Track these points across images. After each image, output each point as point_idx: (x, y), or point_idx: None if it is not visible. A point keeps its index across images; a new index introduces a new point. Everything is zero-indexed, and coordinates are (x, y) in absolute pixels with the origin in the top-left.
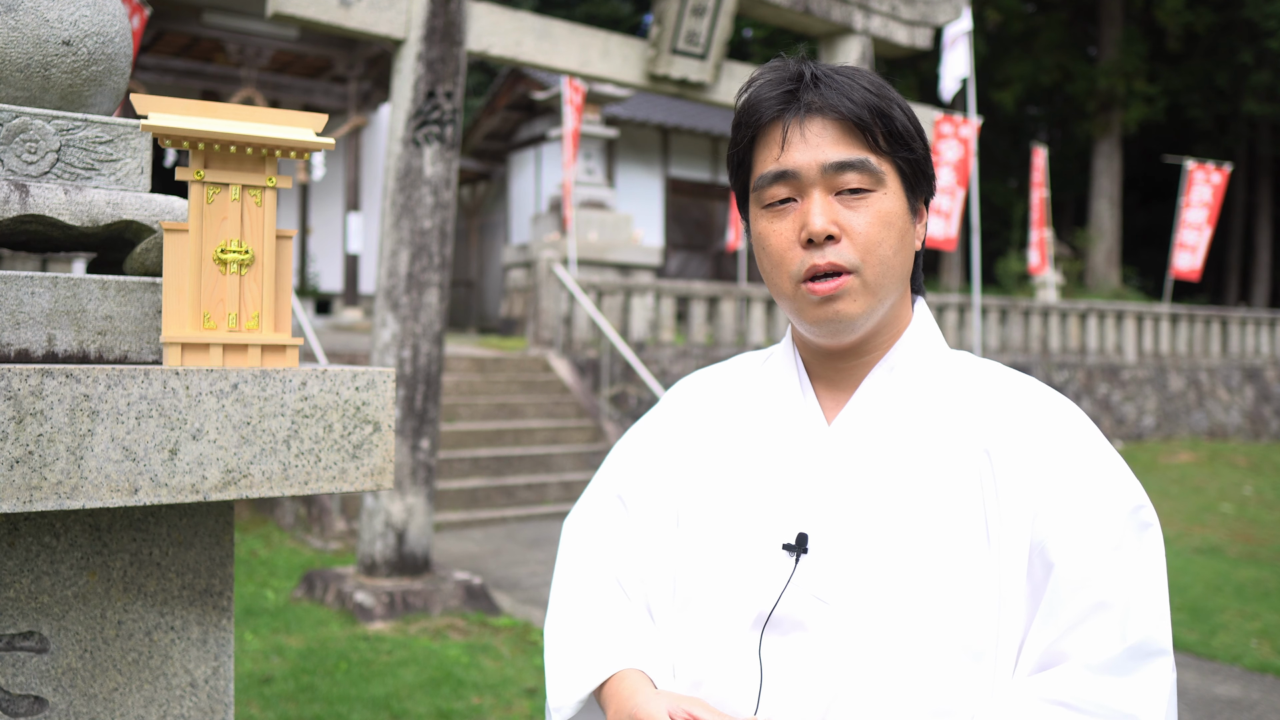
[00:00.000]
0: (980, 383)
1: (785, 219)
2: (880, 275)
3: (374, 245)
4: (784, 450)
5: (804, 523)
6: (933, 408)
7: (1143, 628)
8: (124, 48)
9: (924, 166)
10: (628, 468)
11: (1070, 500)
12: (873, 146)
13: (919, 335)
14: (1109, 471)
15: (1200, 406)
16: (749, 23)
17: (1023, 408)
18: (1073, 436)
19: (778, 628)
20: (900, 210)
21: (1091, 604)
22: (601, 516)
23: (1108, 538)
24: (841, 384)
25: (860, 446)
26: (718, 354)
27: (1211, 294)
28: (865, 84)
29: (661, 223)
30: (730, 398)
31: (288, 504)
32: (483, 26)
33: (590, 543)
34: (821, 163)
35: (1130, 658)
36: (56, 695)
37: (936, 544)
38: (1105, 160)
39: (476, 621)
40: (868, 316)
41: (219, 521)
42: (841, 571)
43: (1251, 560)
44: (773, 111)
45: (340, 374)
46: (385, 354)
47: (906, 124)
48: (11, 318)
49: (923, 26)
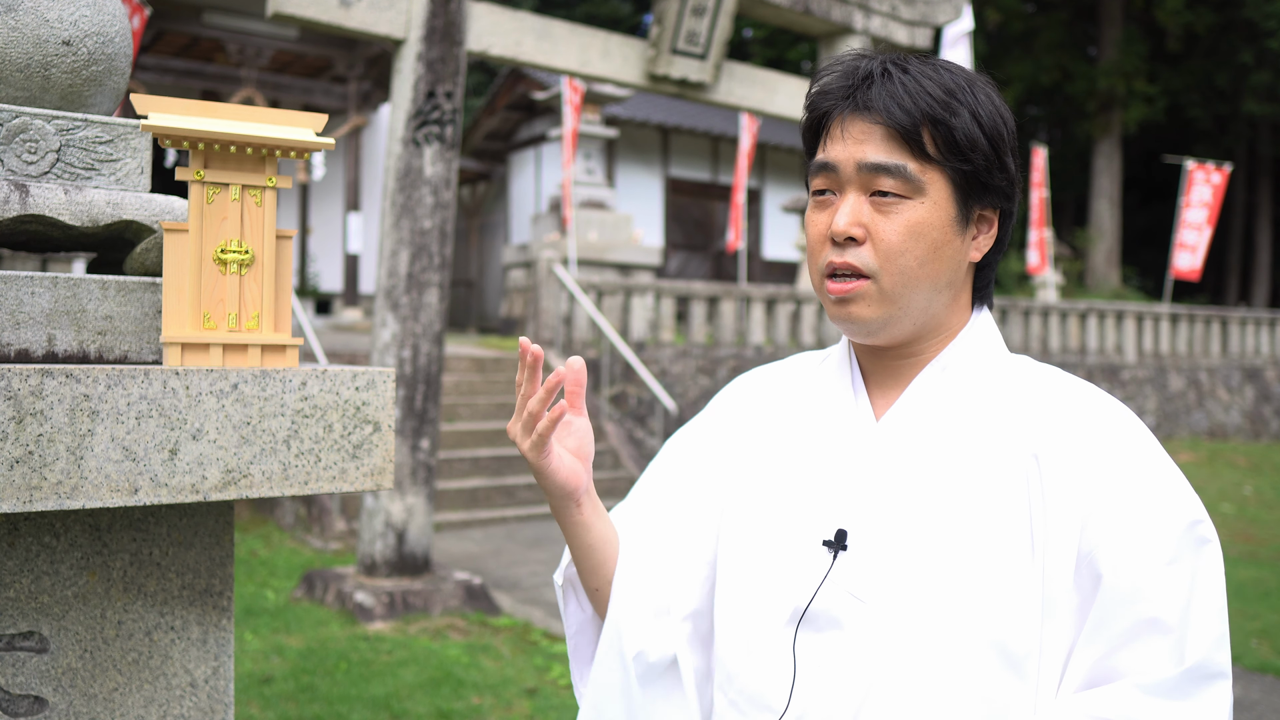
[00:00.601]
0: (1034, 386)
1: (823, 211)
2: (898, 285)
3: (374, 245)
4: (831, 446)
5: (844, 519)
6: (983, 409)
7: (1200, 649)
8: (124, 48)
9: (984, 177)
10: (674, 463)
11: (1122, 510)
12: (917, 154)
13: (975, 339)
14: (1165, 482)
15: (1200, 406)
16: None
17: (1075, 412)
18: (1127, 444)
19: (813, 624)
20: (938, 221)
21: (1143, 620)
22: (640, 511)
23: (1162, 551)
24: (893, 383)
25: (906, 444)
26: (718, 354)
27: (1211, 294)
28: (933, 87)
29: (661, 223)
30: (784, 395)
31: (288, 504)
32: (483, 26)
33: (623, 529)
34: (858, 161)
35: (1187, 680)
36: (56, 695)
37: (978, 547)
38: (1105, 160)
39: (476, 621)
40: (885, 322)
41: (219, 521)
42: (879, 570)
43: (1251, 560)
44: (829, 102)
45: (340, 374)
46: (385, 354)
47: (972, 133)
48: (11, 318)
49: (923, 26)
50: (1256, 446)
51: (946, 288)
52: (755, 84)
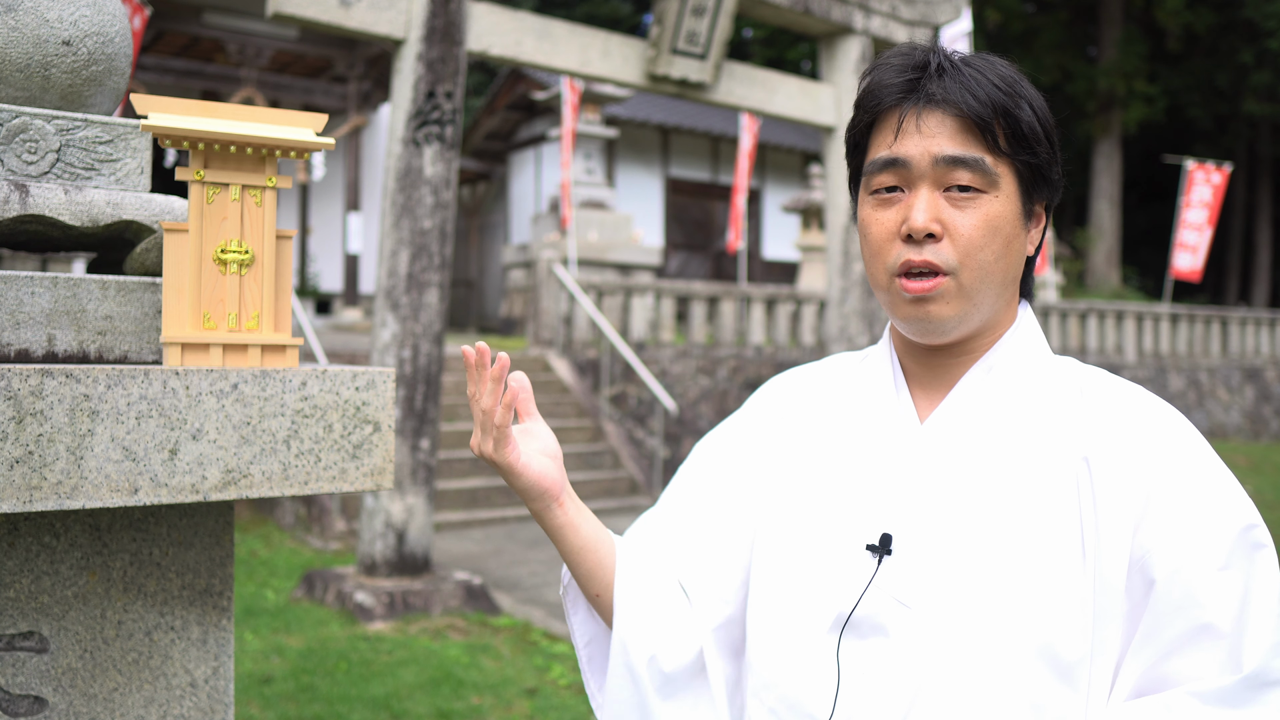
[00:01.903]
0: (1082, 387)
1: (890, 209)
2: (977, 280)
3: (374, 245)
4: (874, 449)
5: (889, 523)
6: (1031, 411)
7: (1256, 656)
8: (124, 48)
9: (1046, 171)
10: (706, 467)
11: (1174, 514)
12: (991, 146)
13: (1021, 338)
14: (1217, 486)
15: (1200, 406)
16: (749, 23)
17: (1126, 415)
18: (1179, 447)
19: (857, 630)
20: (1010, 215)
21: (1196, 626)
22: (668, 518)
23: (1215, 556)
24: (937, 384)
25: (952, 447)
26: (718, 354)
27: (1211, 294)
28: (995, 79)
29: (661, 223)
30: (822, 396)
31: (288, 504)
32: (483, 26)
33: (647, 542)
34: (934, 155)
35: (1245, 688)
36: (56, 695)
37: (1027, 552)
38: (1105, 160)
39: (476, 621)
40: (960, 320)
41: (219, 521)
42: (925, 575)
43: None
44: (893, 98)
45: (340, 374)
46: (385, 354)
47: (1034, 125)
48: (11, 318)
49: (923, 26)
50: (1256, 446)
51: (1011, 283)
52: (755, 84)
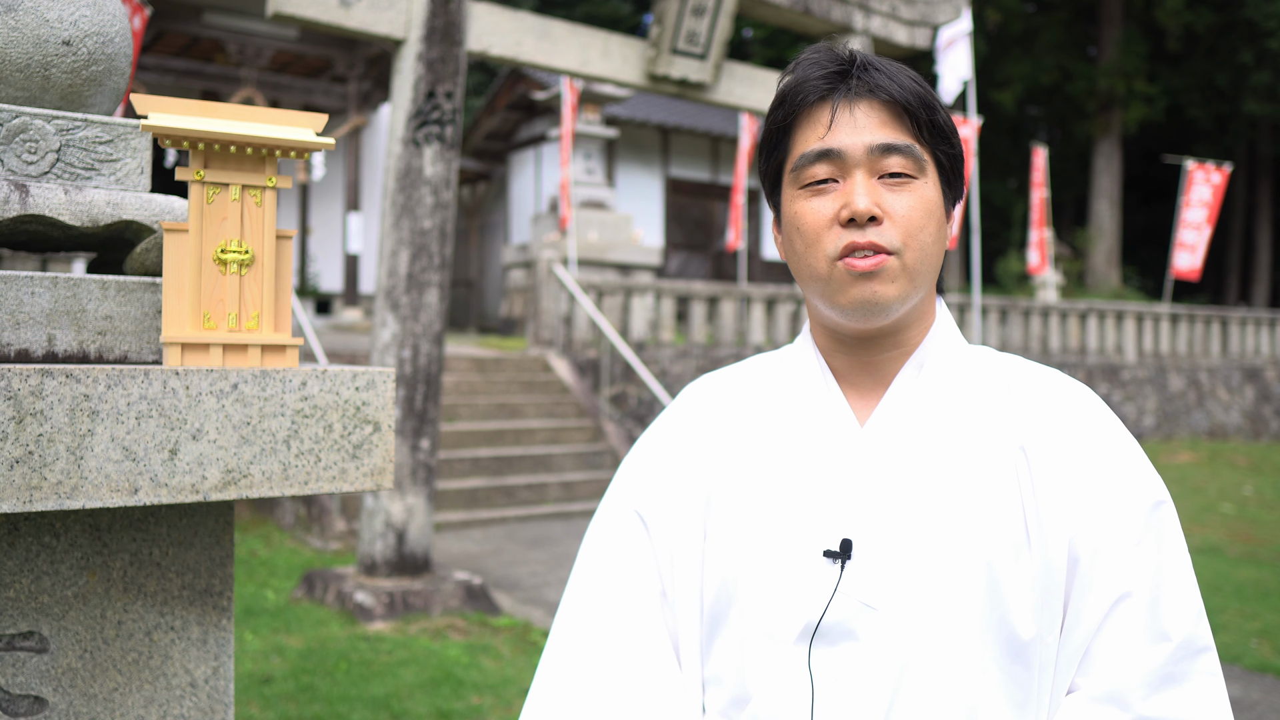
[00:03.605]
0: (1007, 378)
1: (824, 198)
2: (919, 260)
3: (374, 245)
4: (817, 454)
5: (845, 528)
6: (964, 405)
7: (1184, 624)
8: (124, 48)
9: (959, 165)
10: (644, 481)
11: (1094, 496)
12: (917, 135)
13: (943, 332)
14: (1131, 467)
15: (1200, 406)
16: (749, 23)
17: (1052, 403)
18: (1097, 432)
19: (826, 638)
20: (939, 201)
21: (1117, 597)
22: (620, 537)
23: (1130, 533)
24: (869, 384)
25: (896, 447)
26: (718, 354)
27: (1211, 294)
28: (910, 76)
29: (661, 223)
30: (750, 401)
31: (288, 504)
32: (483, 26)
33: (608, 574)
34: (868, 144)
35: (1180, 659)
36: (56, 695)
37: (979, 542)
38: (1105, 160)
39: (476, 621)
40: (902, 301)
41: (219, 521)
42: (888, 576)
43: (1251, 560)
44: (820, 91)
45: (340, 374)
46: (385, 354)
47: (946, 120)
48: (11, 318)
49: (923, 26)
50: (1256, 446)
51: (936, 273)
52: (755, 84)
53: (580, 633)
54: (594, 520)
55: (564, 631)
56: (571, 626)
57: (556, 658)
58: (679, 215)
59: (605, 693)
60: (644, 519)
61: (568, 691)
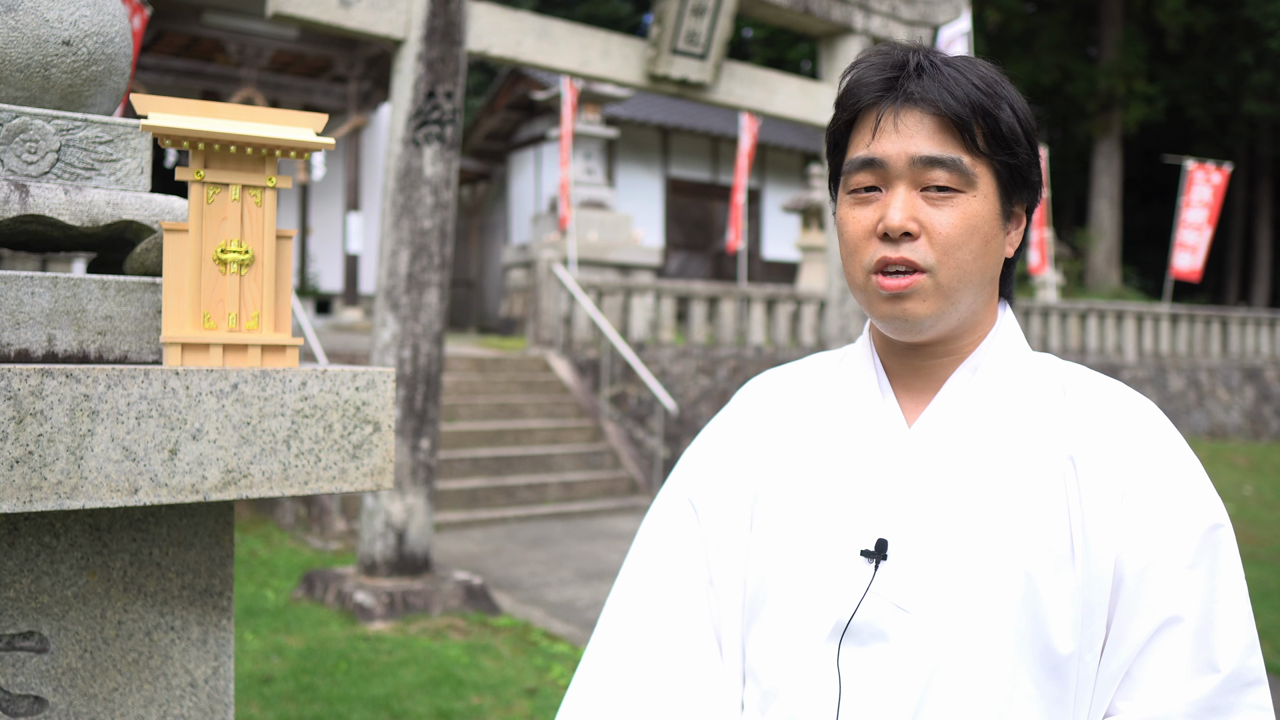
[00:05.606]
0: (1064, 386)
1: (867, 207)
2: (955, 279)
3: (374, 245)
4: (862, 453)
5: (883, 528)
6: (1017, 411)
7: (1234, 655)
8: (124, 48)
9: (1025, 172)
10: (699, 471)
11: (1146, 513)
12: (969, 146)
13: (1003, 338)
14: (1189, 485)
15: (1200, 406)
16: (749, 23)
17: (1107, 413)
18: (1154, 446)
19: (856, 637)
20: (989, 215)
21: (1164, 620)
22: (672, 523)
23: (1183, 555)
24: (921, 386)
25: (942, 450)
26: (718, 354)
27: (1211, 294)
28: (975, 79)
29: (661, 223)
30: (805, 398)
31: (288, 504)
32: (483, 26)
33: (659, 558)
34: (911, 155)
35: (1227, 690)
36: (56, 695)
37: (1021, 551)
38: (1105, 160)
39: (476, 621)
40: (937, 318)
41: (219, 521)
42: (923, 579)
43: (1251, 560)
44: (871, 96)
45: (340, 374)
46: (385, 354)
47: (1014, 126)
48: (11, 318)
49: (923, 26)
50: (1256, 446)
51: (990, 283)
52: (755, 84)
53: (628, 615)
54: (652, 506)
55: (614, 613)
56: (622, 608)
57: (605, 639)
58: (679, 215)
59: (647, 680)
60: (695, 507)
61: (611, 674)
